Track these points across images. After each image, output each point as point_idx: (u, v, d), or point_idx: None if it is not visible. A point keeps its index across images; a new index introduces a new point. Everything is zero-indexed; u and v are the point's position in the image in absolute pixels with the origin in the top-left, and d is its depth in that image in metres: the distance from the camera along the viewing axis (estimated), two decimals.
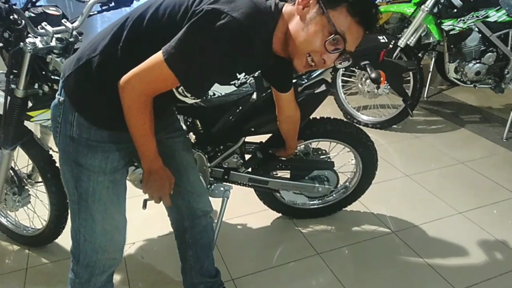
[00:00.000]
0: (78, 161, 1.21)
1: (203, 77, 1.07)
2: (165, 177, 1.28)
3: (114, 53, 1.13)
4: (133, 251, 2.04)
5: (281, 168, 1.95)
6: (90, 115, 1.19)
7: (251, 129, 1.74)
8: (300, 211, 2.18)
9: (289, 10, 1.10)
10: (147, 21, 1.11)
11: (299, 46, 1.07)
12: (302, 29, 1.06)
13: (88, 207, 1.26)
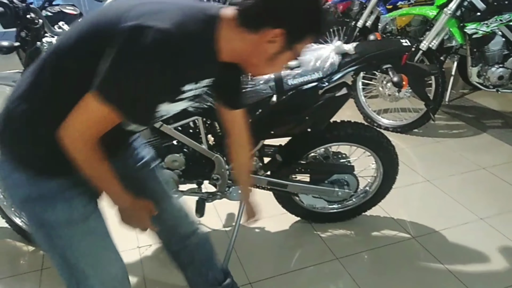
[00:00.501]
0: (41, 221, 1.09)
1: (146, 103, 0.97)
2: (139, 208, 1.19)
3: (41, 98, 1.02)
4: (150, 253, 2.04)
5: (300, 172, 1.94)
6: (35, 167, 1.06)
7: (270, 132, 1.72)
8: (319, 215, 2.15)
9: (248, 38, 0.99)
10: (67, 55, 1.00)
11: (260, 71, 1.09)
12: (265, 60, 1.03)
13: (77, 267, 1.13)
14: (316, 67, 1.61)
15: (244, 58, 1.04)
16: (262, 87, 1.62)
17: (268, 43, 0.98)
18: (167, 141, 1.78)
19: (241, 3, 0.97)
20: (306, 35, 1.00)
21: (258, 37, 0.97)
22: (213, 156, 1.79)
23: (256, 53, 1.01)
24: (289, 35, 0.97)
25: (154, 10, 0.94)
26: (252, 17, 0.96)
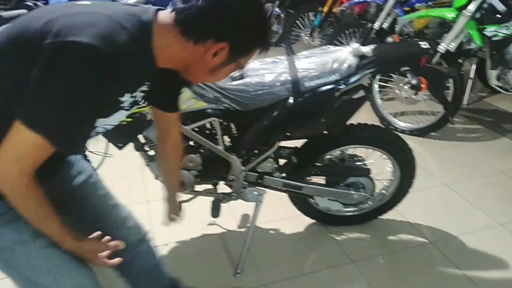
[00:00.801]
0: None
1: (78, 128, 0.90)
2: (85, 251, 1.10)
3: None
4: (166, 251, 2.06)
5: (316, 174, 1.93)
6: None
7: (286, 134, 1.72)
8: (335, 218, 2.14)
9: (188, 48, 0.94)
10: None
11: (200, 80, 1.09)
12: (207, 71, 1.01)
13: (40, 285, 1.08)
14: (333, 69, 1.60)
15: (184, 66, 1.01)
16: (278, 89, 1.62)
17: (210, 55, 0.95)
18: (184, 142, 1.79)
19: (181, 10, 0.91)
20: (251, 49, 0.99)
21: (200, 49, 0.94)
22: (229, 157, 1.79)
23: (198, 64, 0.98)
24: (233, 49, 0.95)
25: (80, 23, 0.86)
26: (195, 29, 0.92)
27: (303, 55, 1.72)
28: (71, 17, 0.88)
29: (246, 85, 1.62)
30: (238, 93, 1.62)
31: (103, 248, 1.10)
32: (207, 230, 2.20)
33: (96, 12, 0.91)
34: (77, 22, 0.86)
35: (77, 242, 1.07)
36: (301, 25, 4.79)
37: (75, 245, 1.07)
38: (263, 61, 1.74)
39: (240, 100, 1.62)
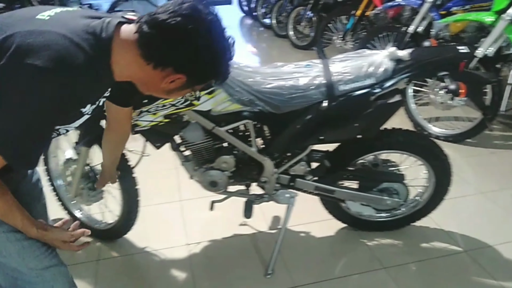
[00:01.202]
0: None
1: (34, 144, 0.95)
2: (50, 239, 1.15)
3: None
4: (198, 250, 2.10)
5: (348, 178, 1.92)
6: None
7: (320, 138, 1.72)
8: (366, 223, 2.12)
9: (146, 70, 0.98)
10: None
11: (155, 95, 1.11)
12: (162, 92, 1.06)
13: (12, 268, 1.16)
14: (369, 73, 1.60)
15: (141, 84, 1.06)
16: (312, 92, 1.62)
17: (168, 82, 1.01)
18: (218, 143, 1.83)
19: (145, 35, 0.94)
20: (207, 80, 1.07)
21: (158, 73, 0.99)
22: (263, 159, 1.81)
23: (154, 84, 1.03)
24: (190, 79, 1.01)
25: (37, 44, 0.88)
26: (156, 56, 0.96)
27: (338, 59, 1.72)
28: (28, 36, 0.90)
29: (281, 88, 1.63)
30: (272, 96, 1.63)
31: (67, 237, 1.16)
32: (239, 230, 2.22)
33: (53, 31, 0.92)
34: (33, 44, 0.88)
35: (41, 231, 1.13)
36: (333, 29, 4.76)
37: (40, 234, 1.13)
38: (297, 64, 1.74)
39: (274, 103, 1.64)
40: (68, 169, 2.01)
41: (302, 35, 5.72)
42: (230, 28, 7.53)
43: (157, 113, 1.64)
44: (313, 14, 5.41)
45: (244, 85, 1.64)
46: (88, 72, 0.94)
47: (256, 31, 7.28)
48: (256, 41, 6.85)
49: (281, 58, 5.48)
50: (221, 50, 1.01)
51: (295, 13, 5.69)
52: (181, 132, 1.77)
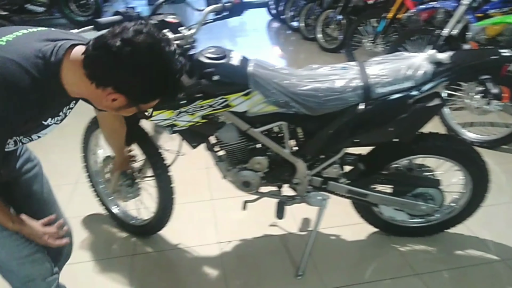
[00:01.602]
0: None
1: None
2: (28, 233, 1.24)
3: None
4: (229, 249, 2.12)
5: (382, 182, 1.90)
6: None
7: (354, 141, 1.72)
8: (399, 228, 2.10)
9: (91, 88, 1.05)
10: None
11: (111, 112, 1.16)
12: (114, 110, 1.12)
13: None
14: (408, 75, 1.58)
15: (91, 100, 1.14)
16: (349, 95, 1.62)
17: (110, 100, 1.06)
18: (252, 144, 1.84)
19: (89, 56, 1.02)
20: (150, 101, 1.10)
21: (101, 92, 1.05)
22: (296, 161, 1.82)
23: (101, 103, 1.10)
24: (131, 99, 1.07)
25: None
26: (96, 76, 1.03)
27: (375, 61, 1.71)
28: None
29: (316, 90, 1.64)
30: (308, 98, 1.64)
31: (41, 232, 1.23)
32: (269, 231, 2.23)
33: (5, 57, 1.01)
34: None
35: (17, 225, 1.21)
36: (363, 31, 4.72)
37: (17, 228, 1.21)
38: (333, 67, 1.74)
39: (309, 105, 1.64)
40: (107, 166, 2.07)
41: (330, 38, 5.69)
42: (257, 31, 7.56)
43: (195, 113, 1.67)
44: (342, 16, 5.38)
45: (280, 87, 1.65)
46: (34, 94, 1.02)
47: (283, 34, 7.28)
48: (283, 44, 6.84)
49: (308, 61, 5.44)
50: (161, 72, 1.04)
51: (324, 15, 5.66)
52: (216, 133, 1.80)
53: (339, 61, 1.85)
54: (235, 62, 1.67)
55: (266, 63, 1.73)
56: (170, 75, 1.06)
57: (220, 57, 1.66)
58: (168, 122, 1.71)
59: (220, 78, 1.62)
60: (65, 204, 2.49)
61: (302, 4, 6.44)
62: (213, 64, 1.64)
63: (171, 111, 1.68)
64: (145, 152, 1.96)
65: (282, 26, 7.55)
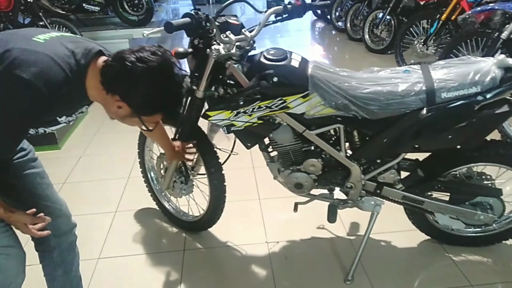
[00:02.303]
0: None
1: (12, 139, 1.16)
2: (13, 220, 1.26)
3: None
4: (277, 249, 2.13)
5: (439, 190, 1.85)
6: None
7: (415, 146, 1.68)
8: (454, 237, 2.04)
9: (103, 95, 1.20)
10: None
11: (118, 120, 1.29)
12: (120, 118, 1.26)
13: None
14: (475, 81, 1.53)
15: (103, 106, 1.26)
16: (411, 99, 1.58)
17: (116, 107, 1.20)
18: (307, 146, 1.84)
19: (107, 65, 1.19)
20: (151, 115, 1.24)
21: (110, 98, 1.19)
22: (351, 165, 1.80)
23: (110, 109, 1.24)
24: (133, 110, 1.20)
25: (27, 60, 1.09)
26: (107, 83, 1.18)
27: (440, 65, 1.66)
28: (23, 53, 1.11)
29: (377, 93, 1.61)
30: (368, 101, 1.61)
31: (30, 220, 1.26)
32: (317, 234, 2.23)
33: (43, 52, 1.13)
34: (25, 59, 1.10)
35: (8, 213, 1.24)
36: (414, 33, 4.60)
37: (6, 215, 1.24)
38: (395, 69, 1.71)
39: (369, 109, 1.62)
40: (162, 163, 2.13)
41: (378, 39, 5.59)
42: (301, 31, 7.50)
43: (252, 114, 1.69)
44: (390, 17, 5.27)
45: (340, 90, 1.64)
46: (63, 90, 1.14)
47: (328, 34, 7.22)
48: (328, 44, 6.79)
49: (354, 62, 5.39)
50: (165, 91, 1.20)
51: (372, 16, 5.57)
52: (271, 134, 1.81)
53: (386, 62, 1.83)
54: (295, 64, 1.68)
55: (325, 65, 1.73)
56: (172, 94, 1.23)
57: (281, 59, 1.67)
58: (226, 122, 1.74)
59: (279, 79, 1.62)
60: (117, 197, 2.58)
61: (349, 5, 6.37)
62: (273, 65, 1.65)
63: (230, 112, 1.70)
64: (200, 150, 2.00)
65: (327, 26, 7.50)
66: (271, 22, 1.83)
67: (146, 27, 5.82)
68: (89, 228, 2.32)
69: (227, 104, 1.70)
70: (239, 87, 1.75)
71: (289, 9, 1.80)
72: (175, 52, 1.64)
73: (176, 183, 2.10)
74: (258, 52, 1.75)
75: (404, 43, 4.69)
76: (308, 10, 1.84)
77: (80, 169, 3.00)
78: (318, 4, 1.91)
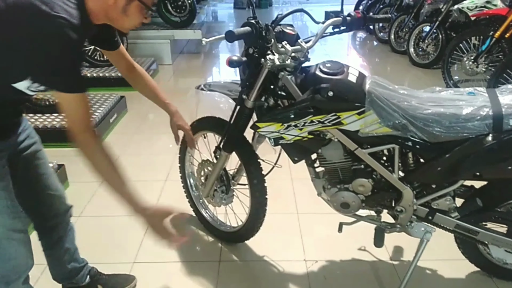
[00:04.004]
0: None
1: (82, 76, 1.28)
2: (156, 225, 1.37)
3: None
4: (316, 269, 2.05)
5: (496, 221, 1.73)
6: None
7: (476, 173, 1.57)
8: (506, 271, 1.91)
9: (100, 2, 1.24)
10: None
11: (125, 26, 1.33)
12: (122, 16, 1.28)
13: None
14: None
15: (106, 15, 1.28)
16: (476, 124, 1.48)
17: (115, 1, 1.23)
18: (357, 165, 1.76)
19: None
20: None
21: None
22: (403, 188, 1.70)
23: (112, 9, 1.26)
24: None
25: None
26: None
27: (508, 89, 1.56)
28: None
29: (440, 115, 1.52)
30: (429, 123, 1.53)
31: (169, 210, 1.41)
32: (358, 255, 2.14)
33: None
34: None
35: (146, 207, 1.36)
36: (463, 49, 4.43)
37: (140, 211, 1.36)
38: (458, 91, 1.62)
39: (430, 131, 1.53)
40: (203, 170, 2.10)
41: (423, 53, 5.42)
42: (342, 40, 7.38)
43: (303, 128, 1.63)
44: (437, 31, 5.10)
45: (399, 109, 1.55)
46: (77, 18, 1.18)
47: (370, 45, 7.08)
48: (369, 55, 6.66)
49: (396, 74, 5.25)
50: None
51: (418, 29, 5.41)
52: (321, 149, 1.74)
53: (431, 77, 1.74)
54: (352, 79, 1.61)
55: (384, 81, 1.65)
56: None
57: (337, 73, 1.61)
58: (275, 135, 1.68)
59: (335, 94, 1.56)
60: (155, 200, 2.56)
61: (394, 16, 6.22)
62: (329, 79, 1.59)
63: (280, 124, 1.64)
64: (244, 160, 1.95)
65: (369, 36, 7.36)
66: (328, 34, 1.76)
67: (188, 28, 5.86)
68: (125, 231, 2.30)
69: (278, 116, 1.65)
70: (290, 99, 1.70)
71: (348, 21, 1.73)
72: (229, 60, 1.61)
73: (216, 192, 2.05)
74: (313, 64, 1.69)
75: (452, 59, 4.53)
76: (368, 23, 1.77)
77: None
78: (379, 18, 1.83)
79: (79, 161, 1.32)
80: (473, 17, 4.62)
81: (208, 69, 5.84)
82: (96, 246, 2.13)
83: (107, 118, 3.57)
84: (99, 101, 3.71)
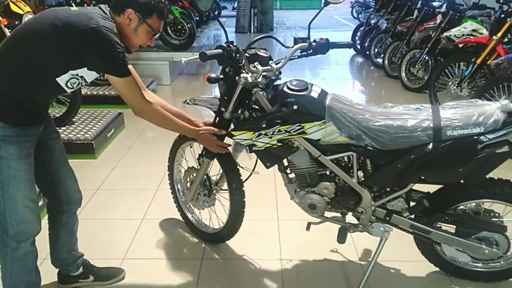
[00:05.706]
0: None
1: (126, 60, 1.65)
2: (207, 138, 1.98)
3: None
4: (290, 267, 2.25)
5: (446, 222, 1.94)
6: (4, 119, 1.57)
7: (421, 178, 1.79)
8: (461, 270, 2.09)
9: (119, 20, 1.66)
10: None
11: (133, 43, 1.73)
12: (133, 34, 1.69)
13: (9, 190, 1.60)
14: (478, 122, 1.64)
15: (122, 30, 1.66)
16: (419, 134, 1.71)
17: (127, 19, 1.65)
18: (322, 170, 1.99)
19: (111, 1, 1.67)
20: (152, 13, 1.66)
21: (122, 19, 1.65)
22: (362, 191, 1.92)
23: (124, 30, 1.66)
24: (138, 14, 1.64)
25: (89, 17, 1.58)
26: (116, 5, 1.66)
27: (448, 105, 1.79)
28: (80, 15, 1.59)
29: (388, 127, 1.76)
30: (379, 133, 1.76)
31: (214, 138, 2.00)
32: (329, 256, 2.34)
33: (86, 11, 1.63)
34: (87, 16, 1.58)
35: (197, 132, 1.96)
36: (449, 74, 4.68)
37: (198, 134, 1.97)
38: (407, 107, 1.85)
39: (380, 140, 1.76)
40: (189, 176, 2.34)
41: (414, 78, 5.68)
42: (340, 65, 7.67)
43: (273, 137, 1.87)
44: (428, 57, 5.37)
45: (354, 121, 1.79)
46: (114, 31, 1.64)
47: (366, 69, 7.37)
48: (365, 79, 6.93)
49: (390, 98, 5.49)
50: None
51: (410, 55, 5.69)
52: (290, 156, 1.98)
53: (421, 101, 1.95)
54: (314, 95, 1.86)
55: (343, 97, 1.89)
56: None
57: (302, 89, 1.86)
58: (248, 142, 1.92)
59: (299, 107, 1.80)
60: (145, 206, 2.80)
61: (388, 42, 6.52)
62: (295, 95, 1.84)
63: (252, 133, 1.89)
64: (224, 167, 2.19)
65: (365, 61, 7.65)
66: (296, 57, 2.03)
67: (187, 51, 6.15)
68: (117, 231, 2.54)
69: (250, 125, 1.90)
70: (263, 112, 1.94)
71: (313, 46, 1.99)
72: (207, 77, 1.87)
73: (200, 195, 2.29)
74: (283, 82, 1.95)
75: (440, 84, 4.76)
76: (332, 48, 2.03)
77: (113, 178, 3.26)
78: (341, 44, 2.08)
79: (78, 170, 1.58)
80: (460, 44, 4.88)
81: (205, 90, 6.08)
82: (89, 244, 2.35)
83: (105, 133, 3.83)
84: (97, 117, 4.00)
